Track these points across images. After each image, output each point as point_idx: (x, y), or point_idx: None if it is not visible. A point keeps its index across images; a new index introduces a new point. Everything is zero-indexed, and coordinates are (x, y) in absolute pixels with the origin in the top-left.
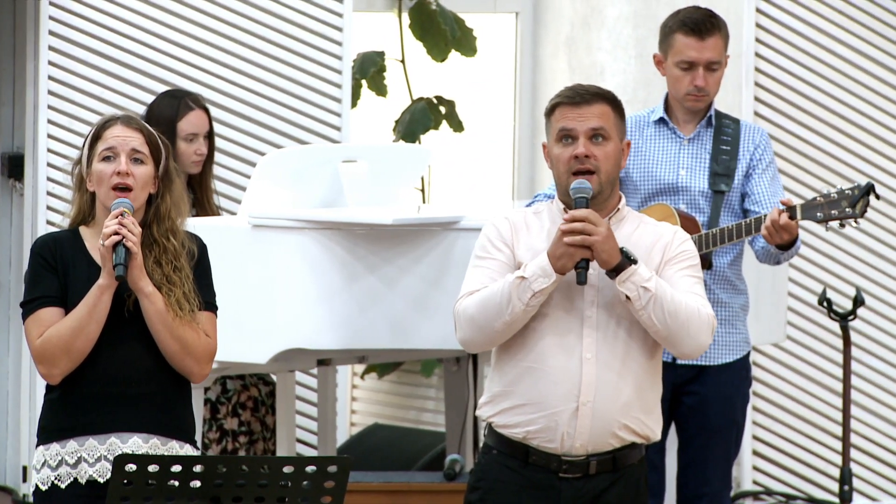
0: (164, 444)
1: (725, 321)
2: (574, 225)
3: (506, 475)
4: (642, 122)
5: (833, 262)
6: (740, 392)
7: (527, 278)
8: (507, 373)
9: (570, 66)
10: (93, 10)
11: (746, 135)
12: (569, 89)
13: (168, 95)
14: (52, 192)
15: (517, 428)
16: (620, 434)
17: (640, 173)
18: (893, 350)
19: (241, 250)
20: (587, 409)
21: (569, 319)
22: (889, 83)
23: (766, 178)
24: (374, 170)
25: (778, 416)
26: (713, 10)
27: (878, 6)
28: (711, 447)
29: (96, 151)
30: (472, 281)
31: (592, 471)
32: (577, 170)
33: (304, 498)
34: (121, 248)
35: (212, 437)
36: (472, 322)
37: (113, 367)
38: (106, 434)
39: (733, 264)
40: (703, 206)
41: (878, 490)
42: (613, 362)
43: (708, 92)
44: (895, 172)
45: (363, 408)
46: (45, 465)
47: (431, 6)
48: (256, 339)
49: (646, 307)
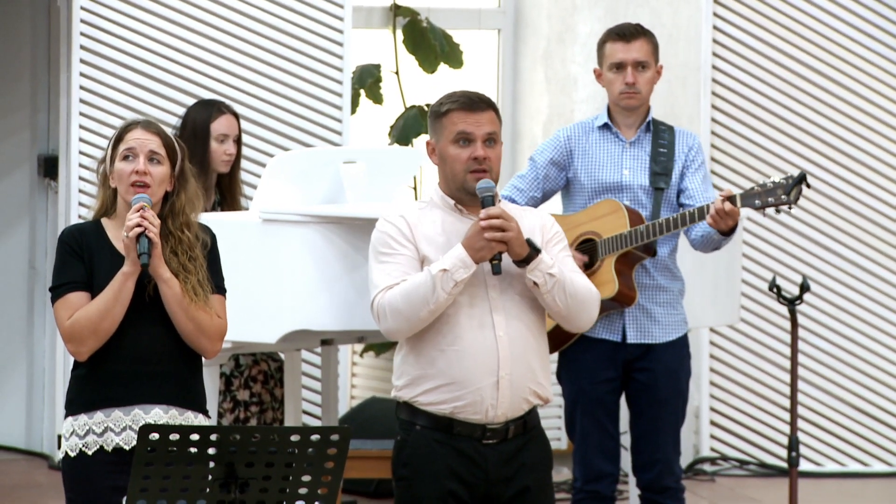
0: (182, 415)
1: (667, 304)
2: (493, 221)
3: (433, 447)
4: (587, 128)
5: (782, 253)
6: (683, 366)
7: (448, 270)
8: (425, 356)
9: (546, 78)
10: (119, 27)
11: (681, 139)
12: (462, 95)
13: (202, 102)
14: (84, 189)
15: (443, 405)
16: (530, 399)
17: (587, 174)
18: (836, 331)
19: (253, 242)
20: (506, 381)
21: (479, 304)
22: (831, 92)
23: (698, 177)
24: (371, 170)
25: (733, 391)
26: (641, 24)
27: (821, 23)
28: (662, 418)
29: (118, 152)
30: (384, 276)
31: (510, 435)
32: (475, 169)
33: (310, 463)
34: (143, 238)
35: (226, 407)
36: (399, 313)
37: (135, 346)
38: (130, 406)
39: (671, 254)
40: (645, 201)
41: (822, 456)
42: (520, 337)
43: (639, 90)
44: (836, 171)
45: (362, 382)
46: (73, 434)
47: (422, 24)
48: (266, 321)
49: (551, 291)
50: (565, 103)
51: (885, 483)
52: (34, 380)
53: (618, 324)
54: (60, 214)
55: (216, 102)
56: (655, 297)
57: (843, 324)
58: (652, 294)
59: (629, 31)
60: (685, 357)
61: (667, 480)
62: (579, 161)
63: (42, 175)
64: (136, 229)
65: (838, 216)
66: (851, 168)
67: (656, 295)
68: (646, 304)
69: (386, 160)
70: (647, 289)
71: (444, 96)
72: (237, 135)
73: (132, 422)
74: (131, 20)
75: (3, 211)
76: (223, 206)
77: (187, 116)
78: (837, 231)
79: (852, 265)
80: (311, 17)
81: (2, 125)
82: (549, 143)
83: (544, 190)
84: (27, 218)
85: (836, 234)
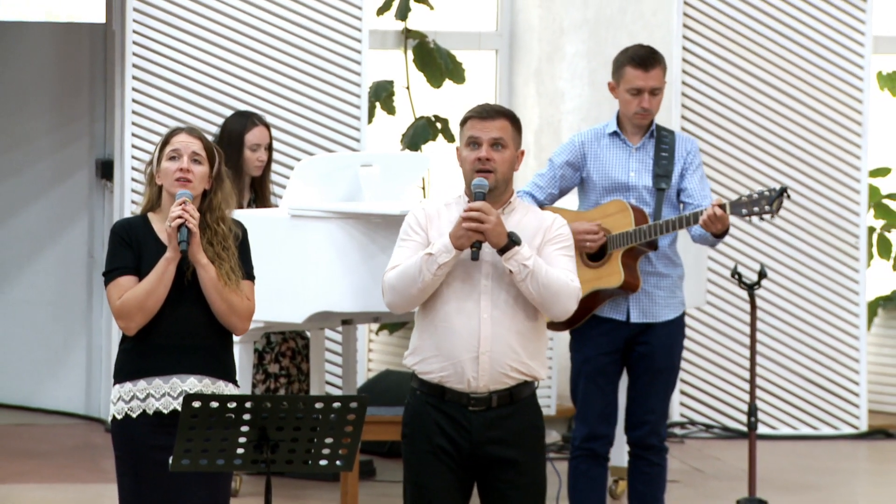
0: (214, 384)
1: (666, 288)
2: (471, 214)
3: (428, 410)
4: (599, 134)
5: (743, 244)
6: (678, 342)
7: (433, 254)
8: (423, 330)
9: (537, 92)
10: (166, 47)
11: (680, 144)
12: (479, 107)
13: (238, 114)
14: (135, 189)
15: (433, 374)
16: (512, 374)
17: (598, 174)
18: (789, 312)
19: (282, 235)
20: (485, 357)
21: (468, 288)
22: (787, 105)
23: (696, 178)
24: (385, 172)
25: (700, 364)
26: (654, 48)
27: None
28: (655, 384)
29: (165, 153)
30: (395, 258)
31: (494, 404)
32: (480, 169)
33: (332, 427)
34: (184, 228)
35: (258, 379)
36: (394, 289)
37: (175, 323)
38: (168, 375)
39: (671, 245)
40: (649, 200)
41: (777, 420)
42: (503, 320)
43: (651, 112)
44: (791, 174)
45: (377, 357)
46: (120, 400)
47: (430, 45)
48: (294, 303)
49: (525, 280)
50: (554, 114)
51: (832, 444)
52: (92, 354)
53: (623, 306)
54: (115, 211)
55: (250, 115)
56: (657, 283)
57: (795, 306)
58: (654, 280)
59: (648, 60)
60: (680, 335)
61: (652, 439)
62: (592, 163)
63: (99, 177)
64: (177, 220)
65: (792, 213)
66: (804, 171)
67: (658, 281)
68: (648, 289)
69: (398, 164)
70: (649, 275)
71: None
72: (268, 143)
73: (170, 389)
74: (177, 42)
75: (65, 208)
76: (257, 203)
77: (225, 126)
78: (791, 226)
79: (804, 255)
80: (333, 40)
81: (65, 133)
82: (566, 146)
83: (560, 187)
84: (86, 214)
85: (790, 229)
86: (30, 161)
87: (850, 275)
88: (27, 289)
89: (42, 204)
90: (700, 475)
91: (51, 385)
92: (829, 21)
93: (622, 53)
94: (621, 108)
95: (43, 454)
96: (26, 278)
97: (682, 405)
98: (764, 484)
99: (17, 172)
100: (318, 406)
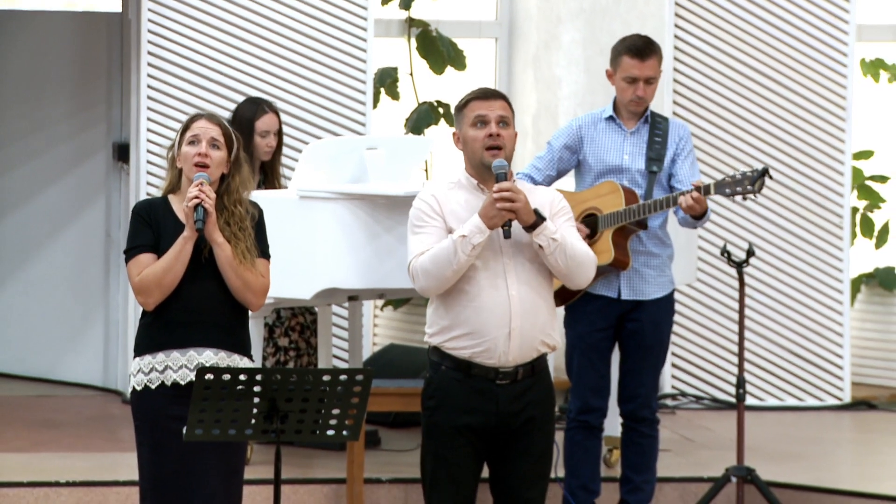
0: (229, 357)
1: (656, 267)
2: (503, 194)
3: (454, 385)
4: (596, 119)
5: (732, 224)
6: (667, 319)
7: (467, 236)
8: (451, 309)
9: (535, 79)
10: (180, 35)
11: (673, 130)
12: (478, 89)
13: (249, 101)
14: (150, 171)
15: (464, 350)
16: (539, 348)
17: (594, 157)
18: (776, 289)
19: (292, 215)
20: (517, 332)
21: (495, 267)
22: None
23: (687, 163)
24: (389, 155)
25: (690, 338)
26: (651, 37)
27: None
28: (646, 359)
29: (185, 137)
30: (419, 245)
31: (520, 377)
32: (490, 145)
33: (338, 399)
34: (200, 209)
35: (269, 352)
36: (428, 274)
37: (192, 299)
38: (186, 348)
39: (662, 226)
40: (641, 182)
41: (764, 392)
42: (530, 295)
43: (646, 100)
44: (778, 157)
45: (382, 332)
46: (139, 372)
47: (432, 33)
48: (303, 280)
49: (554, 253)
50: (551, 100)
51: (817, 415)
52: (109, 328)
53: (614, 283)
54: (131, 192)
55: (260, 102)
56: (647, 262)
57: (782, 283)
58: (644, 259)
59: (645, 50)
60: (669, 312)
61: (644, 412)
62: (588, 146)
63: (116, 159)
64: (194, 200)
65: (779, 194)
66: (791, 154)
67: (648, 260)
68: (638, 268)
69: (402, 147)
70: (639, 254)
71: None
72: (278, 129)
73: (187, 361)
74: (190, 31)
75: (83, 189)
76: (266, 185)
77: (236, 113)
78: (778, 206)
79: (790, 234)
80: (340, 29)
81: (83, 118)
82: (564, 130)
83: (558, 169)
84: (104, 195)
85: (777, 209)
86: (50, 144)
87: (834, 253)
88: (47, 267)
89: (61, 185)
90: (691, 444)
91: (70, 358)
92: (815, 10)
93: (620, 42)
94: (618, 95)
95: (62, 424)
96: (46, 257)
97: (673, 378)
98: (751, 452)
99: (38, 155)
100: (326, 378)
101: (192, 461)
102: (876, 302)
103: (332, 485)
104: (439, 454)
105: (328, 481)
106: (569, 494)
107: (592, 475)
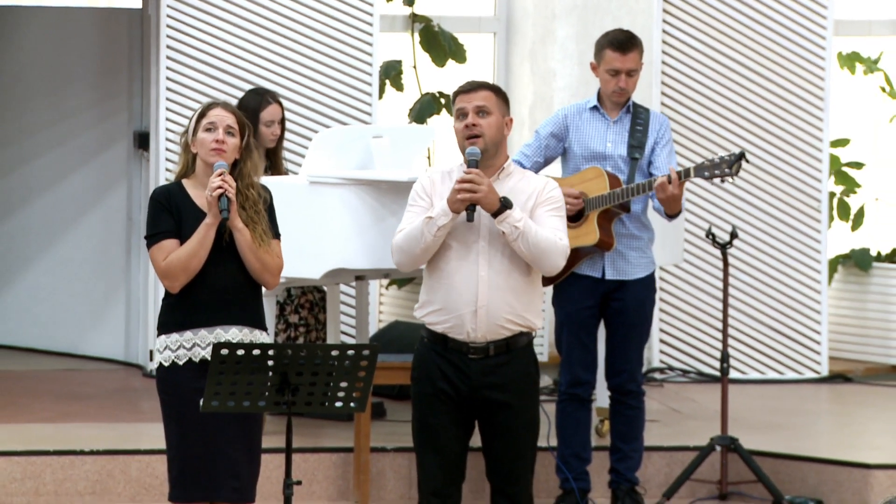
0: (252, 333)
1: (638, 248)
2: (464, 184)
3: (433, 357)
4: (581, 108)
5: (716, 207)
6: (649, 298)
7: (433, 218)
8: (430, 287)
9: (532, 72)
10: (197, 30)
11: (654, 120)
12: (463, 84)
13: (253, 92)
14: (169, 158)
15: (438, 325)
16: (508, 326)
17: (579, 144)
18: (757, 269)
19: (302, 200)
20: (483, 311)
21: (467, 248)
22: (756, 82)
23: (665, 151)
24: (394, 143)
25: (677, 315)
26: (632, 32)
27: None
28: (631, 336)
29: (201, 124)
30: (403, 222)
31: (491, 353)
32: (469, 135)
33: (346, 372)
34: (224, 198)
35: (280, 328)
36: (401, 250)
37: (216, 280)
38: (212, 326)
39: (643, 211)
40: (623, 168)
41: (747, 366)
42: (499, 278)
43: (628, 91)
44: (759, 144)
45: (387, 309)
46: (166, 349)
47: (434, 28)
48: (312, 261)
49: (516, 240)
50: (546, 92)
51: (796, 387)
52: (130, 306)
53: (599, 264)
54: (151, 178)
55: (264, 93)
56: (629, 244)
57: (763, 263)
58: (627, 241)
59: (626, 44)
60: (651, 291)
61: (630, 385)
62: (573, 134)
63: (136, 147)
64: (218, 190)
65: (760, 179)
66: (771, 142)
67: (630, 242)
68: (622, 250)
69: (406, 136)
70: (622, 237)
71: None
72: (281, 118)
73: (215, 339)
74: (207, 26)
75: (106, 175)
76: (271, 171)
77: (241, 102)
78: (760, 191)
79: (772, 217)
80: (347, 24)
81: (105, 108)
82: (551, 119)
83: (546, 156)
84: (125, 181)
85: (759, 194)
86: (74, 133)
87: (812, 235)
88: (72, 248)
89: (85, 172)
90: (677, 415)
91: (93, 334)
92: (796, 7)
93: (603, 37)
94: (601, 87)
95: (87, 396)
96: (71, 238)
97: (661, 352)
98: (735, 423)
99: (63, 143)
100: (334, 353)
101: (216, 432)
102: (852, 281)
103: (341, 453)
104: (423, 420)
105: (336, 450)
106: (561, 462)
107: (583, 444)
